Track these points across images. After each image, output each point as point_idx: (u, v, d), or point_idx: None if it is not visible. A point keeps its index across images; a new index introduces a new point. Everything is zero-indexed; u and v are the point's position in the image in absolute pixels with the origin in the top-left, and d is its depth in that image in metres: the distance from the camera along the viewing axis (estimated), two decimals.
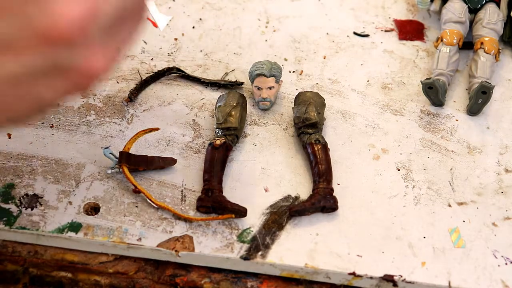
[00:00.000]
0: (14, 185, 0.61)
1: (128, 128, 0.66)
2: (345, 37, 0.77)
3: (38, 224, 0.59)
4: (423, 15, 0.80)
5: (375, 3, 0.81)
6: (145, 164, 0.62)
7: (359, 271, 0.57)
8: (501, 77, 0.73)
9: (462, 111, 0.70)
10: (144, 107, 0.68)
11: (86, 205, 0.60)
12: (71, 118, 0.66)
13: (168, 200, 0.61)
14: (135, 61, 0.72)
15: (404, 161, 0.65)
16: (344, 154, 0.65)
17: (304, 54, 0.74)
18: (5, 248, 0.59)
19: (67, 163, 0.63)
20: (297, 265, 0.58)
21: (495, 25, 0.73)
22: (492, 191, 0.64)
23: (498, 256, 0.59)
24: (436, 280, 0.57)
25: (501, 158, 0.66)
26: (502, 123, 0.69)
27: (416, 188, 0.63)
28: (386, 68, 0.74)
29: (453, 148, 0.67)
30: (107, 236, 0.58)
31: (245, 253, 0.58)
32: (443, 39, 0.72)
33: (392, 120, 0.69)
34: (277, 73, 0.68)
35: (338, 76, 0.72)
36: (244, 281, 0.58)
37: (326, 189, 0.61)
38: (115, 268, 0.58)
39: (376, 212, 0.61)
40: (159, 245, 0.58)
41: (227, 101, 0.65)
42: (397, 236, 0.60)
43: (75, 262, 0.59)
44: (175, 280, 0.58)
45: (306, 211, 0.60)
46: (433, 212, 0.62)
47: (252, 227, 0.59)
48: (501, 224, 0.61)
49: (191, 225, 0.59)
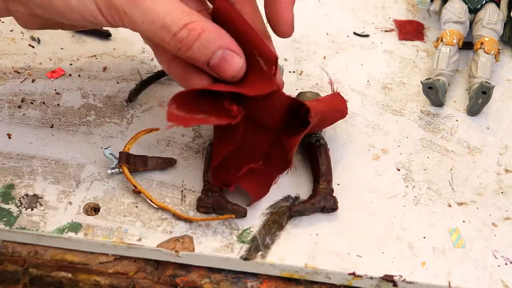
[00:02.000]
0: (14, 186, 0.61)
1: (128, 129, 0.66)
2: (345, 37, 0.77)
3: (38, 224, 0.59)
4: (423, 15, 0.80)
5: (375, 3, 0.81)
6: (145, 164, 0.62)
7: (359, 271, 0.57)
8: (501, 77, 0.73)
9: (462, 111, 0.70)
10: (144, 107, 0.68)
11: (86, 206, 0.60)
12: (71, 118, 0.66)
13: (168, 200, 0.61)
14: (135, 61, 0.72)
15: (404, 161, 0.65)
16: (344, 154, 0.65)
17: (304, 54, 0.74)
18: (5, 248, 0.59)
19: (67, 163, 0.63)
20: (297, 265, 0.58)
21: (495, 25, 0.73)
22: (492, 191, 0.64)
23: (498, 256, 0.59)
24: (436, 280, 0.57)
25: (501, 158, 0.66)
26: (502, 123, 0.69)
27: (416, 188, 0.63)
28: (386, 68, 0.74)
29: (453, 148, 0.67)
30: (107, 236, 0.58)
31: (245, 253, 0.58)
32: (443, 39, 0.72)
33: (392, 120, 0.69)
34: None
35: (338, 76, 0.72)
36: (244, 281, 0.58)
37: (326, 189, 0.61)
38: (115, 269, 0.58)
39: (376, 212, 0.61)
40: (159, 245, 0.58)
41: None
42: (397, 236, 0.60)
43: (75, 262, 0.59)
44: (175, 280, 0.58)
45: (306, 211, 0.60)
46: (433, 212, 0.62)
47: (252, 227, 0.59)
48: (501, 224, 0.61)
49: (191, 225, 0.59)
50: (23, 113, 0.66)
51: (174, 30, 0.54)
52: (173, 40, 0.55)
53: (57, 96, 0.68)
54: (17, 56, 0.72)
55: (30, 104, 0.67)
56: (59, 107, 0.67)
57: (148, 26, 0.55)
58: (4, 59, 0.71)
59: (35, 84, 0.69)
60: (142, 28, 0.55)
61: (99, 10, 0.55)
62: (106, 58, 0.72)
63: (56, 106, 0.67)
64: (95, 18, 0.56)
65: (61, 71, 0.70)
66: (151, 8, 0.54)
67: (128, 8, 0.54)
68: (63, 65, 0.71)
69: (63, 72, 0.70)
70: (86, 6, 0.55)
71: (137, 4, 0.54)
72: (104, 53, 0.73)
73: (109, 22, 0.56)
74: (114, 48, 0.73)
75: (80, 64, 0.71)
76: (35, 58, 0.72)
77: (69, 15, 0.56)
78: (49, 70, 0.70)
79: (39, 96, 0.68)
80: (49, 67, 0.71)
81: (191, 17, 0.55)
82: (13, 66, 0.71)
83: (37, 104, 0.67)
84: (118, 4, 0.54)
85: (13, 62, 0.71)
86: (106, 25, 0.57)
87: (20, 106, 0.67)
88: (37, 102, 0.68)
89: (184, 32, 0.54)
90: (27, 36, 0.74)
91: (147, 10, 0.54)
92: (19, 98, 0.68)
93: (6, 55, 0.72)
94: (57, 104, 0.68)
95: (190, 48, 0.55)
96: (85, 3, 0.55)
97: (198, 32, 0.54)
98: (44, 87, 0.69)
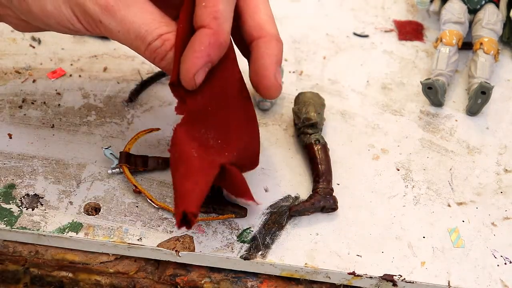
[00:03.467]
0: (15, 185, 0.61)
1: (129, 129, 0.66)
2: (345, 37, 0.77)
3: (39, 224, 0.59)
4: (423, 15, 0.80)
5: (374, 4, 0.81)
6: (146, 164, 0.62)
7: (358, 271, 0.58)
8: (500, 77, 0.74)
9: (462, 111, 0.70)
10: (144, 107, 0.68)
11: (87, 205, 0.60)
12: (71, 118, 0.67)
13: (169, 200, 0.61)
14: (136, 61, 0.72)
15: (404, 161, 0.66)
16: (344, 154, 0.66)
17: (304, 55, 0.74)
18: (6, 248, 0.59)
19: (68, 163, 0.63)
20: (297, 265, 0.58)
21: (495, 25, 0.73)
22: (491, 191, 0.64)
23: (497, 255, 0.59)
24: (436, 280, 0.58)
25: (501, 158, 0.66)
26: (501, 123, 0.70)
27: (415, 188, 0.64)
28: (385, 69, 0.74)
29: (452, 148, 0.67)
30: (107, 236, 0.58)
31: (245, 253, 0.58)
32: (442, 39, 0.72)
33: (391, 120, 0.69)
34: None
35: (338, 76, 0.73)
36: (244, 281, 0.58)
37: (326, 189, 0.61)
38: (115, 268, 0.59)
39: (376, 212, 0.62)
40: (159, 245, 0.58)
41: None
42: (397, 236, 0.60)
43: (76, 262, 0.59)
44: (175, 280, 0.58)
45: (306, 211, 0.60)
46: (432, 212, 0.62)
47: (252, 227, 0.60)
48: (500, 224, 0.62)
49: None
50: (24, 113, 0.67)
51: (148, 40, 0.53)
52: (147, 50, 0.54)
53: (57, 96, 0.68)
54: (18, 56, 0.72)
55: (31, 104, 0.67)
56: (60, 107, 0.67)
57: (123, 36, 0.54)
58: (5, 60, 0.71)
59: (36, 85, 0.69)
60: (118, 37, 0.54)
61: (76, 17, 0.54)
62: (107, 59, 0.72)
63: (56, 106, 0.67)
64: (73, 25, 0.55)
65: (62, 71, 0.71)
66: (127, 17, 0.53)
67: (103, 17, 0.53)
68: (64, 65, 0.71)
69: (64, 72, 0.71)
70: (62, 12, 0.54)
71: (112, 13, 0.53)
72: (104, 54, 0.73)
73: (88, 30, 0.55)
74: (114, 49, 0.73)
75: (80, 64, 0.72)
76: (36, 59, 0.72)
77: (46, 21, 0.55)
78: (49, 70, 0.71)
79: (40, 96, 0.68)
80: (50, 67, 0.71)
81: (168, 28, 0.54)
82: (14, 67, 0.71)
83: (38, 104, 0.68)
84: (93, 13, 0.53)
85: (14, 62, 0.71)
86: (86, 32, 0.56)
87: (21, 106, 0.67)
88: (38, 102, 0.68)
89: (158, 42, 0.53)
90: (28, 36, 0.74)
91: (123, 19, 0.53)
92: (20, 98, 0.68)
93: (7, 56, 0.72)
94: (57, 104, 0.68)
95: (164, 58, 0.54)
96: (61, 9, 0.54)
97: (172, 43, 0.53)
98: (45, 87, 0.69)
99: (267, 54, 0.56)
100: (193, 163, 0.53)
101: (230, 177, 0.55)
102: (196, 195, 0.52)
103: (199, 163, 0.53)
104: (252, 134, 0.58)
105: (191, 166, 0.53)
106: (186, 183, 0.52)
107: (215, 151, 0.55)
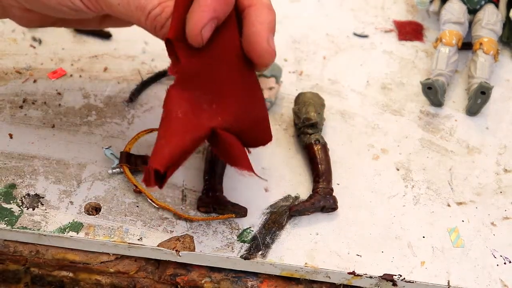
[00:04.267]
0: (15, 185, 0.61)
1: (129, 129, 0.66)
2: (345, 37, 0.77)
3: (39, 224, 0.59)
4: (423, 15, 0.80)
5: (374, 4, 0.81)
6: (146, 164, 0.62)
7: (358, 271, 0.58)
8: (500, 77, 0.74)
9: (461, 111, 0.70)
10: (145, 107, 0.68)
11: (87, 205, 0.60)
12: (72, 118, 0.67)
13: (169, 200, 0.61)
14: (136, 61, 0.72)
15: (404, 161, 0.66)
16: (344, 154, 0.66)
17: (304, 55, 0.75)
18: (6, 248, 0.59)
19: (68, 163, 0.63)
20: (297, 265, 0.58)
21: (494, 25, 0.73)
22: (491, 191, 0.64)
23: (497, 255, 0.59)
24: (435, 280, 0.58)
25: (500, 158, 0.67)
26: (501, 123, 0.70)
27: (415, 188, 0.64)
28: (385, 69, 0.74)
29: (452, 148, 0.67)
30: (108, 235, 0.59)
31: (246, 253, 0.58)
32: (442, 39, 0.72)
33: (391, 120, 0.69)
34: (277, 74, 0.68)
35: (337, 76, 0.73)
36: (244, 281, 0.58)
37: (326, 189, 0.61)
38: (116, 268, 0.59)
39: (376, 212, 0.62)
40: (159, 244, 0.58)
41: None
42: (397, 236, 0.60)
43: (76, 261, 0.59)
44: (175, 280, 0.58)
45: (306, 211, 0.61)
46: (432, 212, 0.62)
47: (252, 227, 0.60)
48: (500, 224, 0.62)
49: (191, 224, 0.60)
50: (25, 113, 0.67)
51: (148, 8, 0.54)
52: (148, 19, 0.54)
53: (58, 96, 0.68)
54: (19, 56, 0.72)
55: (32, 104, 0.68)
56: (60, 107, 0.68)
57: (123, 8, 0.54)
58: (6, 60, 0.71)
59: (36, 85, 0.69)
60: (118, 10, 0.54)
61: None
62: (107, 59, 0.72)
63: (57, 106, 0.68)
64: (73, 3, 0.55)
65: (62, 71, 0.71)
66: None
67: None
68: (64, 65, 0.71)
69: (64, 72, 0.71)
70: None
71: None
72: (105, 54, 0.73)
73: (88, 8, 0.55)
74: (115, 49, 0.73)
75: (81, 64, 0.72)
76: (36, 59, 0.72)
77: (47, 2, 0.55)
78: (50, 70, 0.71)
79: (40, 96, 0.68)
80: (50, 67, 0.71)
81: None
82: (14, 67, 0.71)
83: (39, 104, 0.68)
84: None
85: (15, 62, 0.71)
86: (86, 11, 0.56)
87: (21, 106, 0.67)
88: (38, 102, 0.68)
89: (158, 9, 0.54)
90: (29, 36, 0.74)
91: None
92: (20, 98, 0.68)
93: (8, 56, 0.72)
94: (58, 104, 0.68)
95: (164, 25, 0.54)
96: None
97: (171, 10, 0.53)
98: (46, 88, 0.69)
99: (258, 22, 0.55)
100: (174, 123, 0.53)
101: (224, 143, 0.54)
102: (164, 153, 0.52)
103: (182, 124, 0.53)
104: (253, 100, 0.56)
105: (170, 126, 0.53)
106: (160, 141, 0.53)
107: (208, 115, 0.54)
